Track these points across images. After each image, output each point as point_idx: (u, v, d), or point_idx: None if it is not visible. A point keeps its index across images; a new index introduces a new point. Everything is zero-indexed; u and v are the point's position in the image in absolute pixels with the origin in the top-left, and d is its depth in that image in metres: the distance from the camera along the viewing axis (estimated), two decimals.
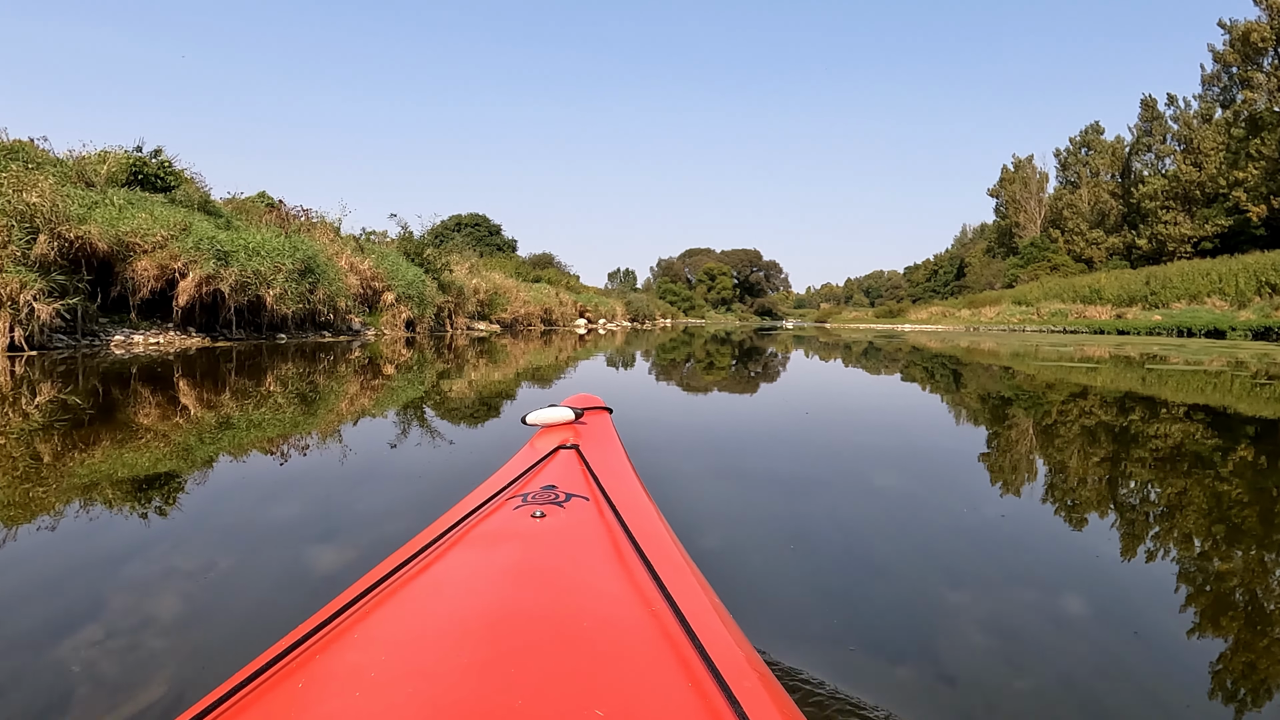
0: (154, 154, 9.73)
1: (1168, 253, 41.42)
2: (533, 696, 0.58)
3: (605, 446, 1.54)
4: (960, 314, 43.05)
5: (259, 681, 0.64)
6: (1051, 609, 1.51)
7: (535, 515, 1.02)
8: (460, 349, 10.38)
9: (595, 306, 32.55)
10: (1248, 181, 34.44)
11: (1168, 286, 31.40)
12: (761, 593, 1.54)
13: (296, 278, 9.39)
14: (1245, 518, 2.29)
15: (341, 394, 5.12)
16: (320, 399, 4.82)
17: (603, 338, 17.37)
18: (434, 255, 14.77)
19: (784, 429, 4.00)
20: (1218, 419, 4.59)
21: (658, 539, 1.01)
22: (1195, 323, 24.80)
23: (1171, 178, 42.26)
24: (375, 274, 12.14)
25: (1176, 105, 43.64)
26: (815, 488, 2.51)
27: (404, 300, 12.60)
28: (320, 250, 10.37)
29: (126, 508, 2.16)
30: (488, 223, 49.23)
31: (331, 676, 0.64)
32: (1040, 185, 58.62)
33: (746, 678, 0.64)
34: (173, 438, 3.26)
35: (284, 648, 0.68)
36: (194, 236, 8.24)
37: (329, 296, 10.08)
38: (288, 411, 4.22)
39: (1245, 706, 1.16)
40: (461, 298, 15.89)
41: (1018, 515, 2.25)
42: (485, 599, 0.78)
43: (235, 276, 8.39)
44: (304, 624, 0.75)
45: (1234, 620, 1.50)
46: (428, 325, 13.57)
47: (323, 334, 10.34)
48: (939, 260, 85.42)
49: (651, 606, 0.76)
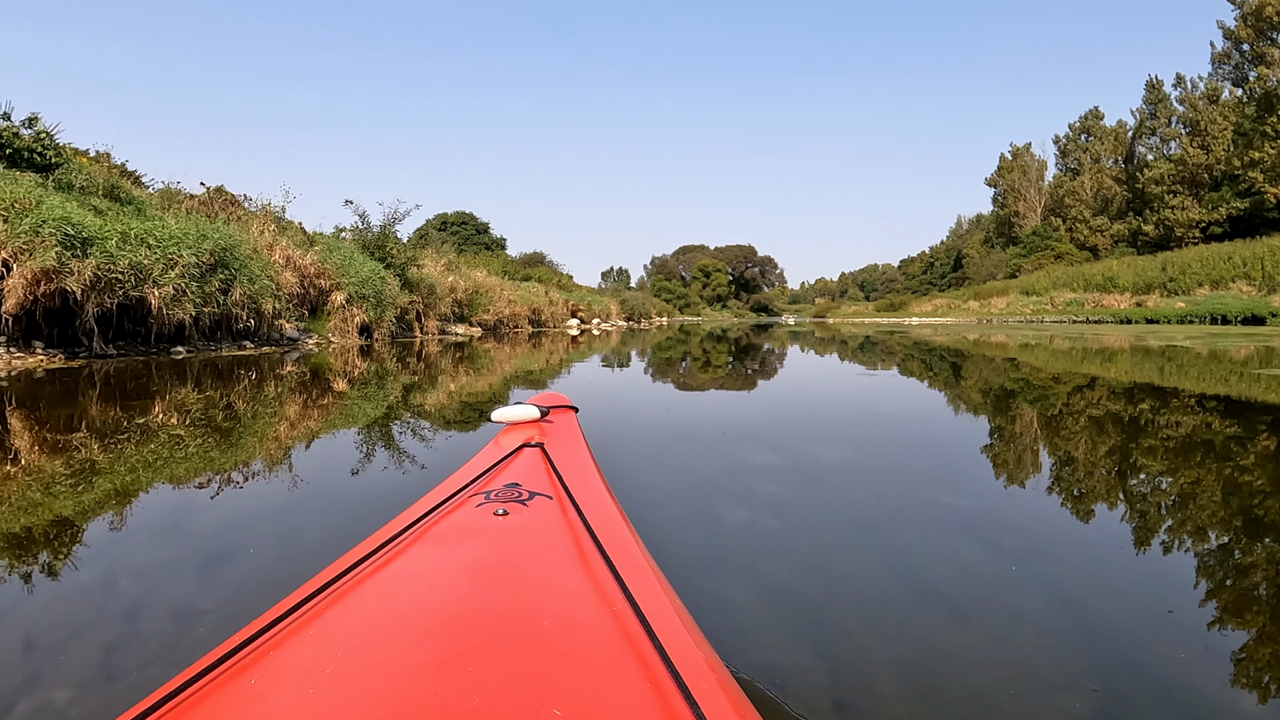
0: (26, 123, 7.82)
1: (1175, 238, 40.17)
2: (491, 694, 0.58)
3: (570, 445, 1.52)
4: (968, 305, 41.55)
5: (209, 679, 0.62)
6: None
7: (498, 513, 1.01)
8: (430, 357, 8.94)
9: (589, 306, 30.71)
10: (1264, 162, 32.97)
11: (1186, 272, 29.98)
12: (723, 594, 1.45)
13: (200, 274, 7.49)
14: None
15: (231, 433, 3.43)
16: (188, 443, 3.10)
17: (597, 338, 16.41)
18: (398, 249, 12.92)
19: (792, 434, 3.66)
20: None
21: (620, 539, 0.98)
22: (1229, 309, 23.25)
23: (1178, 161, 40.92)
24: (321, 270, 10.29)
25: (1184, 86, 42.26)
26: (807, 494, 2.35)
27: (357, 301, 10.72)
28: (244, 241, 8.47)
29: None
30: (475, 220, 47.76)
31: (285, 672, 0.63)
32: (1039, 173, 57.47)
33: (705, 679, 0.63)
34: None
35: (236, 644, 0.66)
36: (34, 218, 6.11)
37: (250, 297, 8.21)
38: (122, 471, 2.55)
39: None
40: (433, 297, 14.01)
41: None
42: (445, 596, 0.78)
43: (94, 270, 6.18)
44: (257, 620, 0.72)
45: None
46: (388, 330, 11.64)
47: (243, 345, 8.32)
48: (935, 252, 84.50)
49: (612, 606, 0.76)
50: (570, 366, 7.83)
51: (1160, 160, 42.96)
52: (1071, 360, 8.33)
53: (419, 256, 13.86)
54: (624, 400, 4.96)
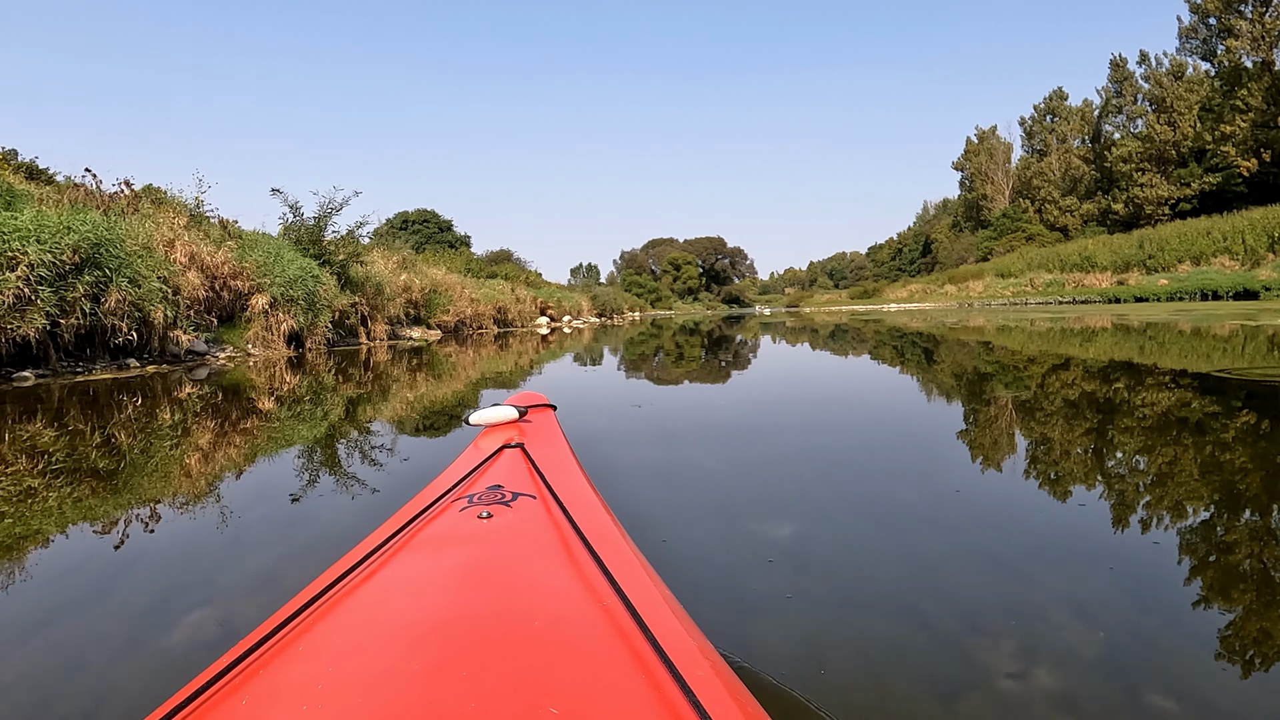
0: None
1: (1145, 216, 40.15)
2: (486, 698, 0.57)
3: (551, 444, 1.50)
4: (944, 290, 41.02)
5: (200, 701, 0.61)
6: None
7: (482, 516, 0.99)
8: (380, 366, 7.70)
9: (559, 303, 29.12)
10: (1236, 135, 32.77)
11: (1165, 249, 29.66)
12: (715, 585, 1.44)
13: (59, 276, 5.85)
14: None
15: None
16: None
17: (569, 336, 15.21)
18: (338, 245, 11.25)
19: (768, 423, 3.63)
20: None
21: (607, 535, 0.98)
22: (1218, 285, 22.72)
23: (1145, 139, 40.88)
24: (238, 270, 8.62)
25: (1148, 63, 42.20)
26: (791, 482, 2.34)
27: (284, 305, 8.99)
28: (127, 234, 6.78)
29: None
30: (437, 218, 45.84)
31: (277, 691, 0.61)
32: (1006, 155, 57.56)
33: (699, 666, 0.63)
34: None
35: (226, 664, 0.65)
36: None
37: (133, 304, 6.42)
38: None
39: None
40: (380, 298, 12.37)
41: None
42: (434, 603, 0.76)
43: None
44: (246, 639, 0.70)
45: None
46: (323, 337, 9.95)
47: (126, 363, 6.55)
48: (903, 238, 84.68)
49: (603, 602, 0.75)
50: (541, 367, 7.19)
51: (1127, 138, 42.94)
52: (1104, 345, 7.20)
53: (362, 252, 12.18)
54: (601, 399, 4.74)
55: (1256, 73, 31.99)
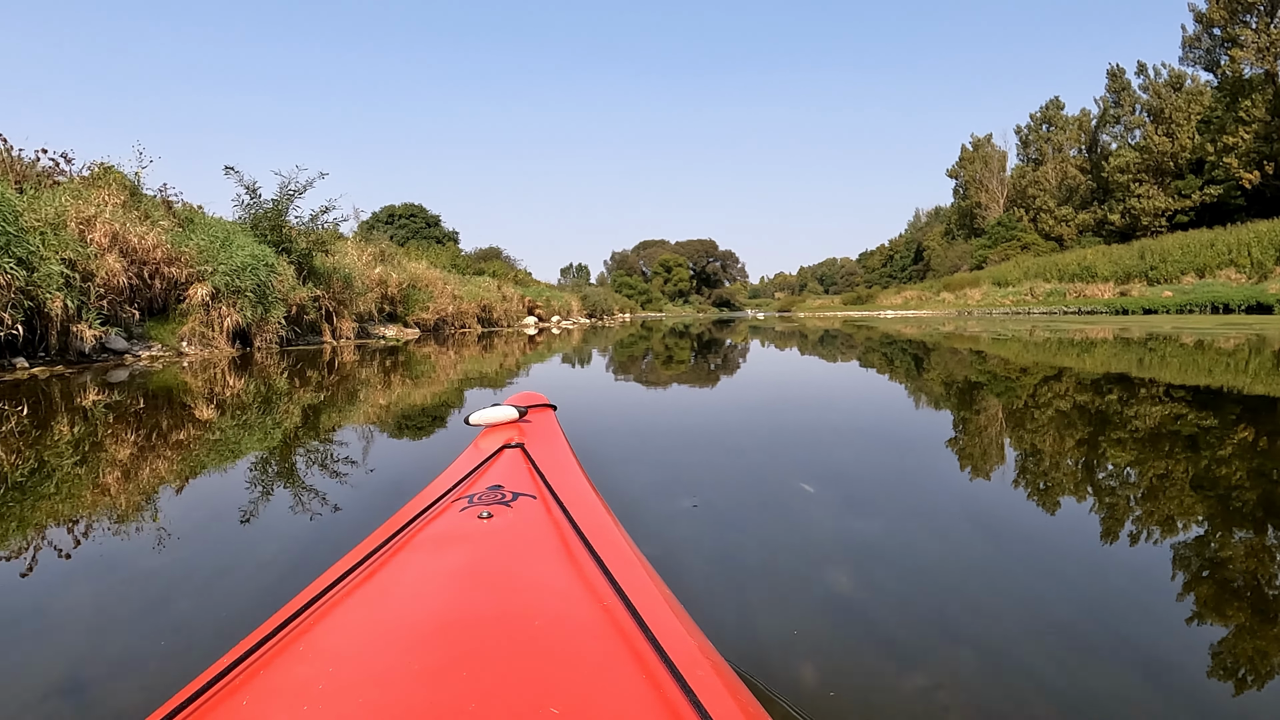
0: None
1: (1142, 227, 39.69)
2: (487, 698, 0.57)
3: (551, 444, 1.50)
4: (940, 298, 40.29)
5: (200, 701, 0.60)
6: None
7: (482, 516, 0.99)
8: (345, 367, 6.82)
9: (548, 302, 27.96)
10: (1239, 147, 32.26)
11: (1167, 260, 29.02)
12: (713, 583, 1.43)
13: None
14: None
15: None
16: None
17: (557, 337, 14.35)
18: (298, 231, 10.05)
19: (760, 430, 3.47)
20: None
21: (607, 535, 0.98)
22: (1229, 298, 22.02)
23: (1142, 149, 40.44)
24: (172, 254, 7.39)
25: (1146, 74, 41.79)
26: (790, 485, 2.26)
27: (228, 296, 7.95)
28: (26, 208, 5.60)
29: None
30: (424, 213, 44.56)
31: (278, 691, 0.60)
32: (1001, 164, 57.22)
33: (699, 666, 0.63)
34: None
35: (227, 664, 0.64)
36: None
37: (22, 291, 5.30)
38: None
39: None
40: (349, 292, 11.20)
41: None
42: (435, 603, 0.76)
43: None
44: (248, 638, 0.69)
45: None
46: (275, 333, 8.91)
47: (11, 363, 5.51)
48: (895, 245, 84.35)
49: (604, 602, 0.74)
50: (528, 369, 6.69)
51: (1124, 149, 42.50)
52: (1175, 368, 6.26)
53: (328, 240, 10.97)
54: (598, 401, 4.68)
55: (1260, 84, 31.53)
